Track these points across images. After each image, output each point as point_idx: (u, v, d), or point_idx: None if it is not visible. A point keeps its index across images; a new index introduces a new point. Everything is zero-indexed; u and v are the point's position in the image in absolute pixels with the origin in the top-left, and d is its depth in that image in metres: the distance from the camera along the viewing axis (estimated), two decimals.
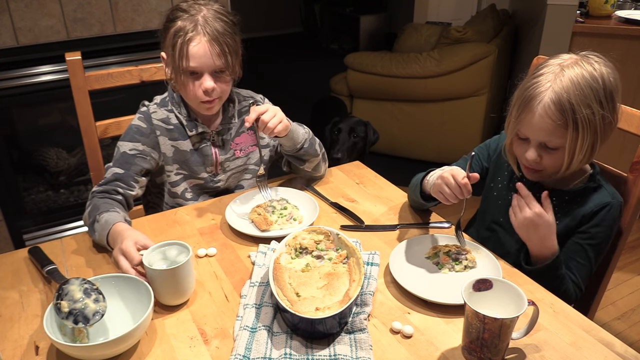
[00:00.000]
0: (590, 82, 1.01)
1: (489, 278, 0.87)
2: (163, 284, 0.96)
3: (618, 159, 1.36)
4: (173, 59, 1.22)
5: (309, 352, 0.87)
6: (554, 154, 1.06)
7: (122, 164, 1.27)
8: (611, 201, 1.11)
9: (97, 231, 1.14)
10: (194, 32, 1.19)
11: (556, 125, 1.02)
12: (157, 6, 2.18)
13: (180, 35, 1.19)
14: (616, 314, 2.16)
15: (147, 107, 1.34)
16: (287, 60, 5.94)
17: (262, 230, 1.20)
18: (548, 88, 1.03)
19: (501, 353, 0.84)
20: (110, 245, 1.10)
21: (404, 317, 0.95)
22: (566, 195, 1.15)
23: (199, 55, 1.20)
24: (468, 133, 3.24)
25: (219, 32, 1.21)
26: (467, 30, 3.17)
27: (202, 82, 1.23)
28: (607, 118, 1.03)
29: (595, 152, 1.06)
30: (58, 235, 2.36)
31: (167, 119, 1.33)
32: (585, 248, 1.12)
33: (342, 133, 2.59)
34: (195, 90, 1.24)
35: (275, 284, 0.92)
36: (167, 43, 1.23)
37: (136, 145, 1.29)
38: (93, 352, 0.84)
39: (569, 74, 1.02)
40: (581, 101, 1.00)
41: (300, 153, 1.35)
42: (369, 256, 1.11)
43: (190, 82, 1.24)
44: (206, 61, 1.21)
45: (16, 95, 2.07)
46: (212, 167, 1.37)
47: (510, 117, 1.11)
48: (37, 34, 2.00)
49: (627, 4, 2.88)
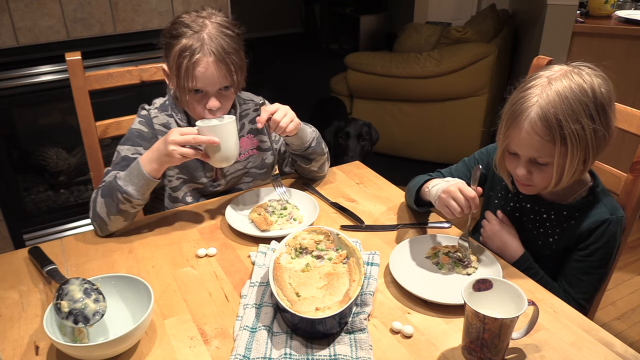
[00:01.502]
0: (579, 96, 0.97)
1: (489, 278, 0.87)
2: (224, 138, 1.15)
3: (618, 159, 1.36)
4: (178, 78, 1.20)
5: (309, 352, 0.87)
6: (544, 170, 1.04)
7: (123, 167, 1.25)
8: (609, 217, 1.08)
9: (126, 182, 1.16)
10: (200, 54, 1.16)
11: (544, 142, 0.99)
12: (157, 6, 2.18)
13: (185, 56, 1.16)
14: (616, 314, 2.16)
15: (148, 112, 1.33)
16: (287, 60, 5.93)
17: (262, 230, 1.20)
18: (535, 103, 0.99)
19: (501, 353, 0.84)
20: (148, 172, 1.16)
21: (404, 317, 0.95)
22: (564, 210, 1.13)
23: (205, 77, 1.18)
24: (468, 133, 3.24)
25: (225, 50, 1.18)
26: (467, 30, 3.17)
27: (207, 102, 1.22)
28: (600, 132, 0.99)
29: (588, 166, 1.03)
30: (58, 235, 2.36)
31: (167, 123, 1.32)
32: (585, 264, 1.11)
33: (351, 139, 2.63)
34: (200, 109, 1.23)
35: (275, 284, 0.92)
36: (171, 60, 1.20)
37: (138, 149, 1.28)
38: (93, 352, 0.84)
39: (556, 87, 0.98)
40: (569, 116, 0.96)
41: (308, 152, 1.35)
42: (369, 256, 1.11)
43: (194, 101, 1.23)
44: (212, 82, 1.19)
45: (16, 95, 2.07)
46: (211, 173, 1.37)
47: (500, 132, 1.07)
48: (37, 34, 2.00)
49: (627, 4, 2.88)
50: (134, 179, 1.17)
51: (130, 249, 1.17)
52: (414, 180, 1.29)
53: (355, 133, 2.64)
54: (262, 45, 6.36)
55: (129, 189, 1.16)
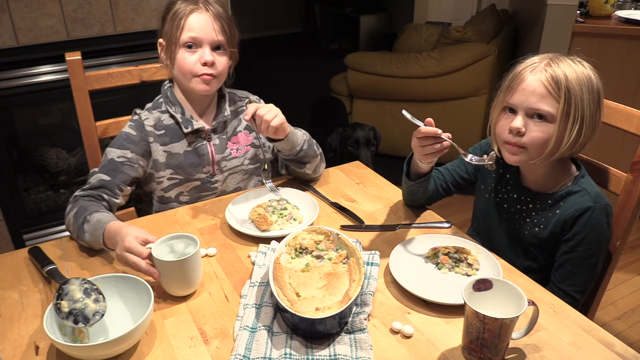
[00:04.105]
0: (581, 74, 1.03)
1: (489, 278, 0.87)
2: (172, 275, 0.99)
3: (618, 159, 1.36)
4: (170, 34, 1.24)
5: (309, 352, 0.87)
6: (540, 126, 1.05)
7: (108, 170, 1.25)
8: (592, 205, 1.08)
9: (87, 232, 1.11)
10: (195, 6, 1.23)
11: (548, 93, 1.03)
12: (157, 6, 2.18)
13: (180, 11, 1.22)
14: (616, 314, 2.16)
15: (139, 115, 1.33)
16: (287, 60, 5.93)
17: (262, 230, 1.20)
18: (544, 62, 1.05)
19: (501, 353, 0.84)
20: (106, 245, 1.09)
21: (404, 317, 0.95)
22: (549, 199, 1.14)
23: (200, 26, 1.22)
24: (468, 133, 3.23)
25: (220, 13, 1.25)
26: (467, 30, 3.17)
27: (202, 55, 1.24)
28: (595, 115, 1.04)
29: (578, 143, 1.05)
30: (58, 235, 2.36)
31: (159, 122, 1.32)
32: (574, 255, 1.11)
33: (362, 147, 2.65)
34: (192, 64, 1.24)
35: (275, 284, 0.92)
36: (166, 25, 1.25)
37: (124, 153, 1.28)
38: (93, 352, 0.84)
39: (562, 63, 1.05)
40: (575, 81, 1.02)
41: (300, 156, 1.34)
42: (369, 256, 1.11)
43: (187, 56, 1.24)
44: (208, 33, 1.23)
45: (16, 95, 2.07)
46: (208, 167, 1.36)
47: (498, 97, 1.12)
48: (37, 34, 2.00)
49: (627, 4, 2.87)
50: (95, 232, 1.11)
51: None
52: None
53: (364, 140, 2.65)
54: (262, 45, 6.36)
55: (85, 236, 1.12)
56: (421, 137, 1.07)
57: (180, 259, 0.96)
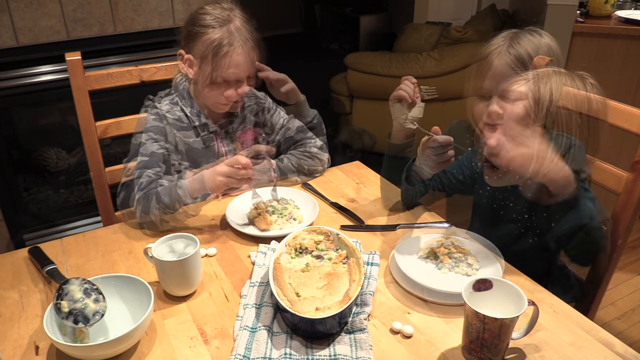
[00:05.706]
0: (543, 46, 1.13)
1: (489, 278, 0.87)
2: (172, 275, 0.99)
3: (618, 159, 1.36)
4: (205, 66, 1.27)
5: (309, 352, 0.87)
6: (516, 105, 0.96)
7: (152, 163, 1.27)
8: (588, 223, 1.00)
9: (164, 194, 1.18)
10: (232, 45, 1.27)
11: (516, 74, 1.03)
12: (157, 6, 2.18)
13: (219, 46, 1.26)
14: (616, 314, 2.16)
15: (157, 105, 1.36)
16: (287, 60, 5.92)
17: (262, 230, 1.20)
18: (505, 44, 1.13)
19: (501, 353, 0.84)
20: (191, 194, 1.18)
21: (404, 317, 0.95)
22: (544, 212, 1.12)
23: (239, 66, 1.29)
24: None
25: (249, 44, 1.32)
26: (467, 30, 3.17)
27: (233, 93, 1.30)
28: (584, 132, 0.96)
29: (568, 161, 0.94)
30: (58, 235, 2.36)
31: (173, 112, 1.35)
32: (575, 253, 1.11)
33: None
34: (218, 97, 1.31)
35: (275, 284, 0.92)
36: (198, 49, 1.28)
37: (161, 144, 1.32)
38: (93, 352, 0.84)
39: (522, 40, 1.14)
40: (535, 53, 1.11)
41: (309, 127, 1.43)
42: (369, 256, 1.11)
43: (216, 89, 1.30)
44: (244, 70, 1.30)
45: (16, 95, 2.07)
46: (214, 160, 1.38)
47: (469, 81, 1.16)
48: (37, 34, 2.00)
49: (627, 4, 2.87)
50: (173, 189, 1.20)
51: (130, 249, 1.17)
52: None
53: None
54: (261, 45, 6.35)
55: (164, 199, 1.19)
56: (436, 146, 1.06)
57: (180, 259, 0.97)
